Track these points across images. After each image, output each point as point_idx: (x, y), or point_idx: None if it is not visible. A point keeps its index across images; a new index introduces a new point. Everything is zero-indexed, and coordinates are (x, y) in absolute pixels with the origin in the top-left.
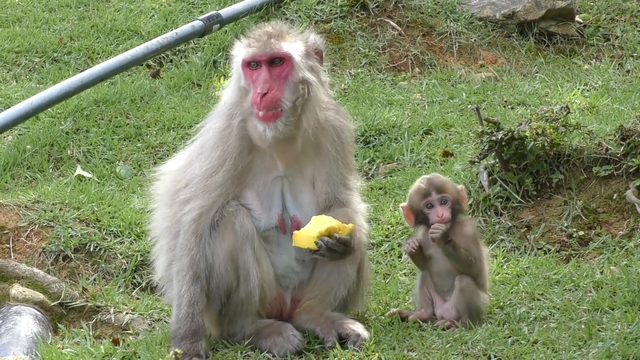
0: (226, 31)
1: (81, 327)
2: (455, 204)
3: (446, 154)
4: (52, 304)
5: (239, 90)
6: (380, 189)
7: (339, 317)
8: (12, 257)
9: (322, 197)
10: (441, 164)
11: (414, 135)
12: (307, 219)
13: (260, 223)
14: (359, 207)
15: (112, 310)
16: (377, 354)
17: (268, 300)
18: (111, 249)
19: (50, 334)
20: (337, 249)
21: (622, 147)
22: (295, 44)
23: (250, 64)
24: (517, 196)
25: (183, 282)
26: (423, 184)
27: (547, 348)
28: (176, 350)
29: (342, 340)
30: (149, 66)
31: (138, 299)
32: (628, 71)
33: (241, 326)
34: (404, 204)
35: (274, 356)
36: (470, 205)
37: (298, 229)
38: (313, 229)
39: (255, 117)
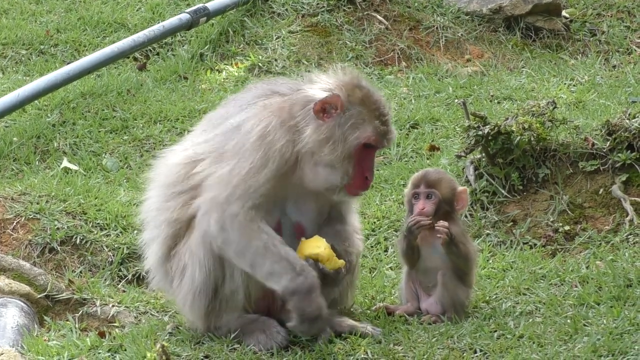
0: (213, 24)
1: (67, 320)
2: (444, 203)
3: (433, 148)
4: (38, 296)
5: (337, 155)
6: None
7: (331, 313)
8: None
9: (326, 209)
10: (427, 158)
11: (401, 129)
12: (311, 226)
13: None
14: (356, 225)
15: (98, 303)
16: (363, 348)
17: (254, 299)
18: (97, 241)
19: (36, 326)
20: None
21: (608, 142)
22: None
23: (369, 145)
24: (503, 191)
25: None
26: (419, 174)
27: (533, 342)
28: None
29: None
30: (135, 59)
31: (124, 291)
32: (614, 66)
33: (227, 320)
34: (407, 189)
35: (260, 350)
36: None
37: (303, 234)
38: (305, 249)
39: (345, 188)
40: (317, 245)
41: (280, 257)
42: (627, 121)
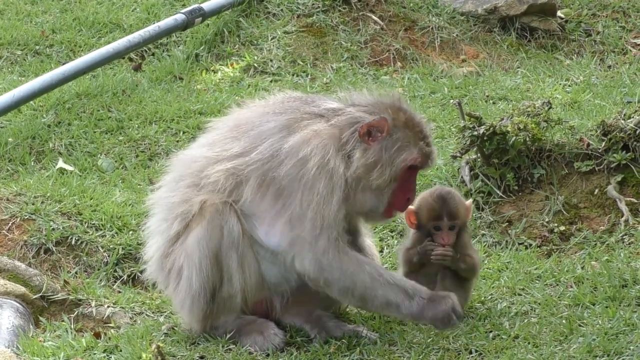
0: (208, 25)
1: (62, 321)
2: (462, 227)
3: None
4: (34, 297)
5: (385, 179)
6: None
7: (328, 316)
8: None
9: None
10: None
11: None
12: None
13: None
14: (368, 233)
15: (93, 304)
16: (358, 349)
17: (251, 302)
18: (93, 242)
19: (31, 327)
20: None
21: (604, 143)
22: None
23: (413, 167)
24: (498, 191)
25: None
26: (437, 205)
27: (528, 343)
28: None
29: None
30: (131, 59)
31: (119, 292)
32: (609, 66)
33: (224, 321)
34: (410, 207)
35: (256, 351)
36: None
37: None
38: None
39: (384, 210)
40: None
41: (389, 284)
42: (623, 121)
